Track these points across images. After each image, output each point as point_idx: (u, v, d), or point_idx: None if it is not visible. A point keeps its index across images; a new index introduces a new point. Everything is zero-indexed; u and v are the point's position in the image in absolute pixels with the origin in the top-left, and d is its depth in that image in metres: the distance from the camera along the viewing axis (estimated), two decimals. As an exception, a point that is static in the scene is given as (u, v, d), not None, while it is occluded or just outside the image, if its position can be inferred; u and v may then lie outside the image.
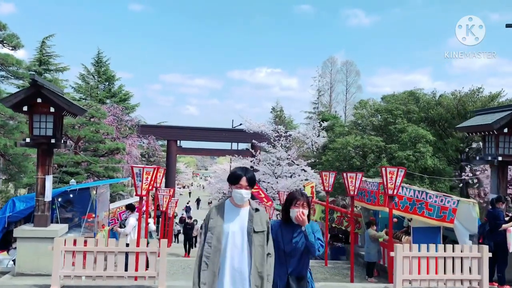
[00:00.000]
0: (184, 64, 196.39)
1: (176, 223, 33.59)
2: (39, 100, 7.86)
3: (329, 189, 14.46)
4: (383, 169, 10.16)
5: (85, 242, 7.30)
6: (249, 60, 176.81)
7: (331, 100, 68.30)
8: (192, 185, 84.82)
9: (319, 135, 30.35)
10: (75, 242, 7.28)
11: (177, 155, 44.62)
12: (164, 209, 16.50)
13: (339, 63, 67.35)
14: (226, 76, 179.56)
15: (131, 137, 31.02)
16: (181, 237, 25.16)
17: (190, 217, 19.70)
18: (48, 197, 8.20)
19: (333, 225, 16.58)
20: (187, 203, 57.92)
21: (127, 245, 7.72)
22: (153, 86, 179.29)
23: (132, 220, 11.70)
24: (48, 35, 41.59)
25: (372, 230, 12.51)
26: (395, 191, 10.12)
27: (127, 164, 25.07)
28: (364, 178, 12.40)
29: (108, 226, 13.58)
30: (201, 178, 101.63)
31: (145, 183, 9.55)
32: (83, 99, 37.76)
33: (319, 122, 30.65)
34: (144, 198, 10.24)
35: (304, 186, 21.09)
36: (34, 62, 41.34)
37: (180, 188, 71.23)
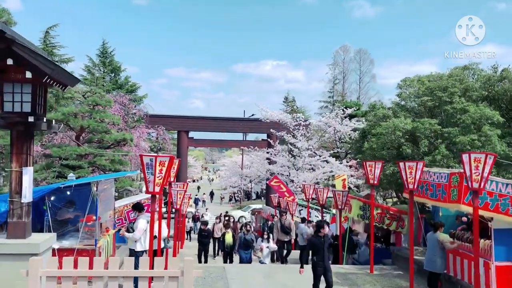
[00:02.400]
0: (189, 58, 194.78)
1: (188, 219, 31.53)
2: (9, 62, 5.55)
3: (375, 182, 12.15)
4: (466, 155, 7.82)
5: (76, 261, 5.06)
6: (254, 53, 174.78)
7: (344, 90, 65.88)
8: (201, 179, 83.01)
9: (342, 123, 27.97)
10: (60, 263, 5.05)
11: (188, 147, 42.50)
12: (178, 206, 14.20)
13: (352, 52, 64.88)
14: (231, 69, 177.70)
15: (139, 128, 28.81)
16: (194, 237, 22.93)
17: (205, 223, 16.81)
18: (27, 197, 5.94)
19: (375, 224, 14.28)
20: (196, 195, 55.91)
21: (136, 264, 5.48)
22: (158, 80, 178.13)
23: (142, 222, 9.46)
24: (52, 25, 39.81)
25: (444, 235, 10.17)
26: (482, 184, 7.79)
27: (134, 154, 22.73)
28: (426, 169, 10.08)
29: (114, 228, 11.37)
30: (210, 171, 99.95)
31: (158, 176, 7.29)
32: (89, 91, 35.89)
33: (342, 109, 28.22)
34: (157, 196, 8.01)
35: (334, 179, 18.82)
36: (38, 53, 39.59)
37: (190, 182, 69.35)
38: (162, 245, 10.35)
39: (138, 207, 9.93)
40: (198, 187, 66.02)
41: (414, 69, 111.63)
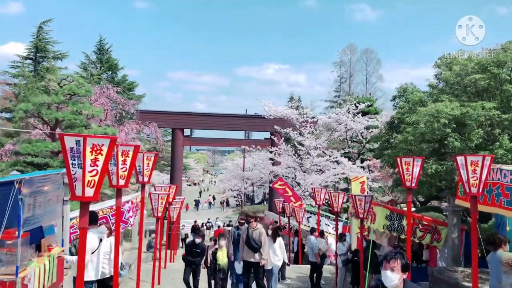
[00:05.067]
0: (191, 61, 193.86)
1: (183, 226, 28.71)
2: None
3: (413, 185, 9.22)
4: None
5: None
6: (256, 57, 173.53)
7: (350, 90, 63.54)
8: (203, 182, 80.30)
9: (354, 120, 25.03)
10: None
11: (184, 147, 39.71)
12: (158, 214, 11.27)
13: (358, 52, 62.94)
14: (233, 72, 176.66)
15: (128, 124, 25.98)
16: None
17: (200, 234, 11.29)
18: None
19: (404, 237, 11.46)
20: (198, 197, 53.03)
21: None
22: (161, 83, 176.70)
23: (91, 240, 6.57)
24: (45, 20, 37.32)
25: (509, 253, 7.37)
26: None
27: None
28: (495, 166, 7.15)
29: (63, 245, 8.42)
30: (212, 174, 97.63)
31: (91, 171, 4.34)
32: (65, 78, 33.59)
33: (355, 104, 25.31)
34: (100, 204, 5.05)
35: (350, 182, 15.89)
36: (30, 49, 37.01)
37: (190, 185, 66.49)
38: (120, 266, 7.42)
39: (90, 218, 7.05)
40: (200, 192, 63.18)
41: (415, 72, 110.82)
